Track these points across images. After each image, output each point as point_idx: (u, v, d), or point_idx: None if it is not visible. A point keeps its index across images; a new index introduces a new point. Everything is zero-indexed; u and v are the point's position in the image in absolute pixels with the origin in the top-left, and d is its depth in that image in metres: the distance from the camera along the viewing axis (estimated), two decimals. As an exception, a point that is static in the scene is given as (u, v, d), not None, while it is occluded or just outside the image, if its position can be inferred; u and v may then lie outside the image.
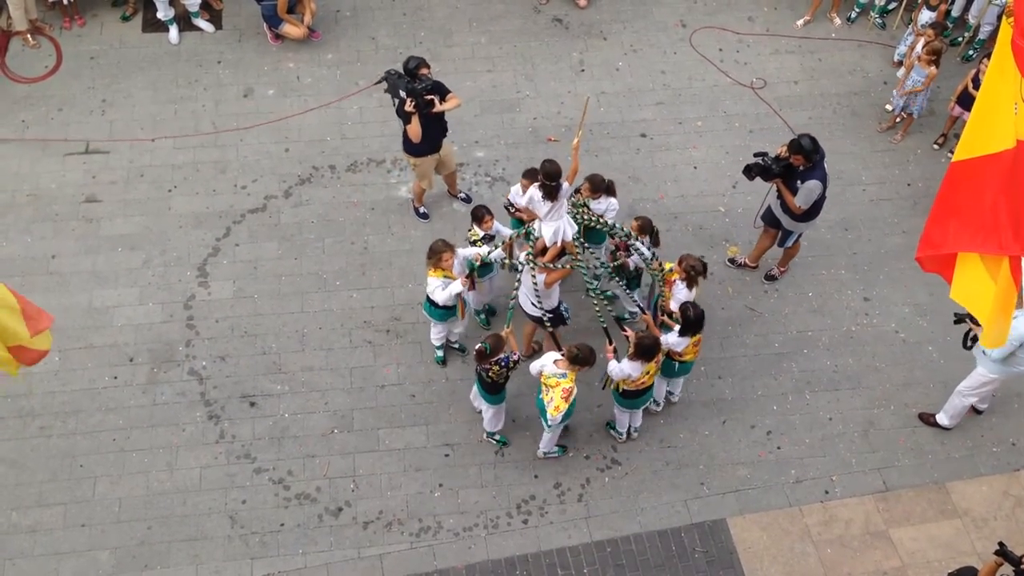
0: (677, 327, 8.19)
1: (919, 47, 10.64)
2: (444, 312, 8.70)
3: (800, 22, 12.25)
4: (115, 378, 9.15)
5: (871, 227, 10.51)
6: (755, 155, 9.02)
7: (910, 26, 11.47)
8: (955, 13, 11.90)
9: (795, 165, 8.83)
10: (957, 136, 10.96)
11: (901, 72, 11.07)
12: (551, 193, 7.94)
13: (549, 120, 11.19)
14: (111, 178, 10.49)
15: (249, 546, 8.32)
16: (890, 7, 12.35)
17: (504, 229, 8.95)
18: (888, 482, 8.89)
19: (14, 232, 10.04)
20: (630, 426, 8.84)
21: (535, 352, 9.18)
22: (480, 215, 8.74)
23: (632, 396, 8.32)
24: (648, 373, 8.09)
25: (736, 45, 12.08)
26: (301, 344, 9.44)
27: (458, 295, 8.40)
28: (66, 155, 10.63)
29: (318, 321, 9.59)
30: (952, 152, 11.01)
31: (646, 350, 7.85)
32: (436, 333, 9.15)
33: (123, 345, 9.34)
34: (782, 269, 10.01)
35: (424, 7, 12.27)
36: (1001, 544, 7.17)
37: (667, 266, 8.59)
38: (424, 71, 9.15)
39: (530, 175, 8.74)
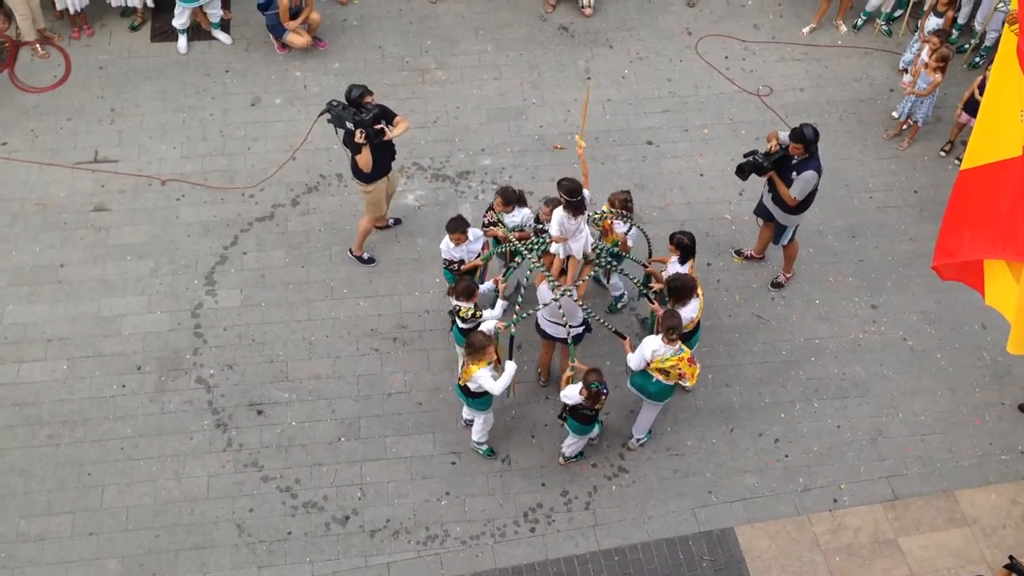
0: (674, 259, 8.51)
1: (924, 54, 10.64)
2: (488, 399, 8.23)
3: (806, 29, 12.26)
4: (123, 386, 9.17)
5: (878, 234, 10.50)
6: (745, 155, 9.06)
7: (916, 33, 11.47)
8: (961, 20, 11.89)
9: (790, 155, 8.87)
10: (964, 143, 10.97)
11: (907, 79, 11.06)
12: (579, 207, 7.92)
13: (555, 128, 11.21)
14: (119, 187, 10.53)
15: (256, 554, 8.32)
16: (896, 14, 12.35)
17: (484, 285, 8.65)
18: (897, 490, 8.86)
19: (23, 241, 10.08)
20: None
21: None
22: (471, 290, 8.17)
23: (687, 338, 8.39)
24: (700, 310, 8.35)
25: (742, 53, 12.09)
26: (308, 352, 9.45)
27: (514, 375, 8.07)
28: (75, 164, 10.68)
29: (325, 329, 9.61)
30: (960, 159, 11.04)
31: (680, 289, 8.11)
32: (483, 429, 8.59)
33: (131, 353, 9.36)
34: (787, 275, 10.00)
35: (430, 16, 12.31)
36: (1012, 558, 7.15)
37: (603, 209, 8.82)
38: (368, 99, 8.87)
39: (456, 226, 8.52)
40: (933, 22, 11.04)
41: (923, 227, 10.54)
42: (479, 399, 8.18)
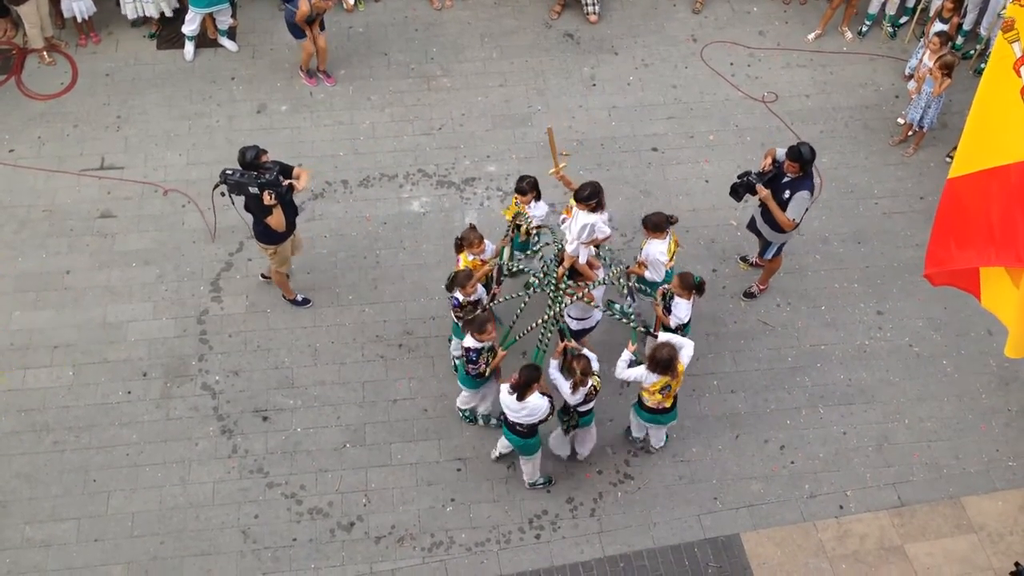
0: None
1: (927, 58, 10.65)
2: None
3: (811, 36, 12.26)
4: (129, 393, 9.19)
5: (884, 240, 10.48)
6: (739, 176, 9.05)
7: (922, 39, 11.46)
8: (967, 26, 11.89)
9: (785, 173, 8.82)
10: (971, 149, 10.97)
11: (912, 85, 11.05)
12: (603, 203, 8.19)
13: (561, 135, 11.14)
14: (125, 194, 10.56)
15: (261, 561, 8.32)
16: (901, 20, 12.35)
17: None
18: (903, 497, 8.83)
19: (29, 247, 10.11)
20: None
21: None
22: (590, 369, 7.84)
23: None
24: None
25: (747, 59, 12.10)
26: (314, 359, 9.46)
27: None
28: (81, 171, 10.72)
29: (331, 335, 9.61)
30: (965, 166, 11.01)
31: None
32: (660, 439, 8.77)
33: (137, 360, 9.38)
34: (762, 287, 9.97)
35: (436, 23, 12.34)
36: (1017, 564, 7.13)
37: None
38: (264, 158, 8.47)
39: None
40: (939, 28, 11.02)
41: (929, 233, 10.48)
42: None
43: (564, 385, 7.77)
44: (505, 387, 7.67)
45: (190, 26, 11.56)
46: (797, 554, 8.48)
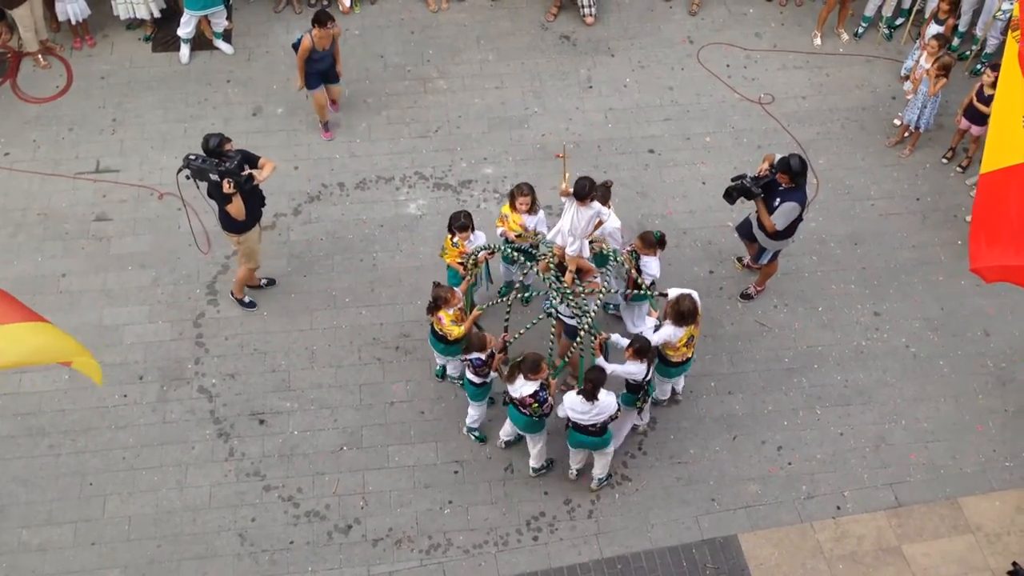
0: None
1: (923, 60, 10.67)
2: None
3: (817, 41, 12.22)
4: (125, 396, 9.17)
5: (880, 241, 10.49)
6: (733, 179, 9.05)
7: (917, 40, 11.48)
8: (962, 27, 11.90)
9: (778, 182, 8.84)
10: (966, 150, 11.04)
11: (907, 86, 11.07)
12: (597, 192, 8.21)
13: (557, 136, 11.21)
14: (121, 197, 10.54)
15: (259, 564, 8.30)
16: (897, 22, 12.37)
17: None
18: (900, 497, 8.84)
19: (25, 251, 10.09)
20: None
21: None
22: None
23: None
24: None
25: (744, 61, 12.11)
26: (310, 361, 9.45)
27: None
28: (76, 174, 10.70)
29: (327, 338, 9.60)
30: (960, 167, 11.08)
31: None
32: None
33: (133, 363, 9.36)
34: (759, 288, 9.97)
35: (432, 25, 12.34)
36: (1015, 564, 7.14)
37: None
38: (228, 146, 8.53)
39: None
40: (934, 29, 11.05)
41: (925, 234, 10.53)
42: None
43: (635, 367, 7.99)
44: (570, 395, 7.82)
45: (185, 28, 11.55)
46: (795, 555, 8.48)
